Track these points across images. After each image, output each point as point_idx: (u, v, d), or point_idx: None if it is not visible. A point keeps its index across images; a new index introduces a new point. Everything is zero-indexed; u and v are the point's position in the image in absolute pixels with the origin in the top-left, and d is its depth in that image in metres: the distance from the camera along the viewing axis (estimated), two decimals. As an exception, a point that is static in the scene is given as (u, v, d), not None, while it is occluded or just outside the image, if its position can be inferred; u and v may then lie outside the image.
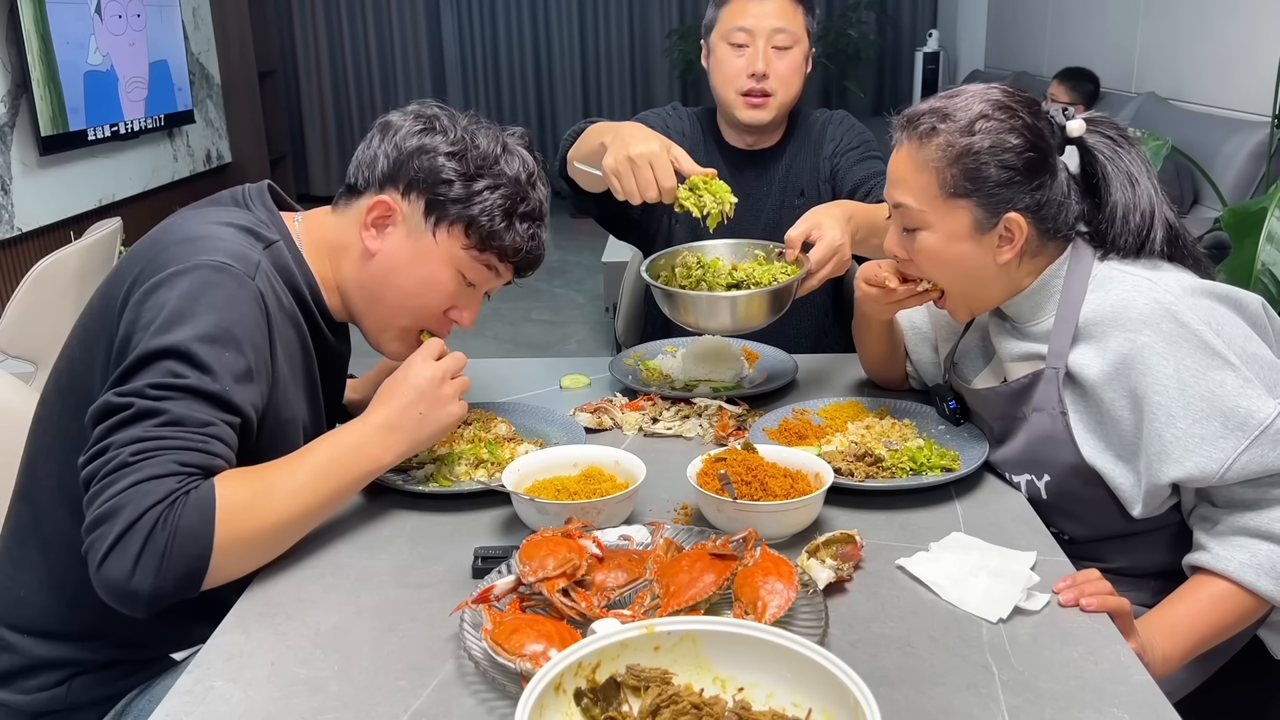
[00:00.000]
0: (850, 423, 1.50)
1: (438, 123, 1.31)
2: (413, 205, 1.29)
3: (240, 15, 6.18)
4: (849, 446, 1.39)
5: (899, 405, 1.56)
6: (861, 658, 1.00)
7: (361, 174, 1.32)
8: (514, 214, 1.31)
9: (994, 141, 1.25)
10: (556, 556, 1.03)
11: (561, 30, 7.64)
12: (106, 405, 1.09)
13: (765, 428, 1.49)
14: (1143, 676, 0.97)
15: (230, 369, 1.14)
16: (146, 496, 1.03)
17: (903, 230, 1.33)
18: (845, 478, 1.31)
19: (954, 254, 1.30)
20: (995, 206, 1.26)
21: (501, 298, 5.58)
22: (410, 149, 1.29)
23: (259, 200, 1.33)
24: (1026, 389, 1.33)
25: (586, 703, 0.82)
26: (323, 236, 1.34)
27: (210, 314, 1.14)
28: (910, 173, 1.30)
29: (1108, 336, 1.24)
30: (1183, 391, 1.18)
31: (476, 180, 1.29)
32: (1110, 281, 1.27)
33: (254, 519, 1.11)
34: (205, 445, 1.10)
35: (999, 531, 1.24)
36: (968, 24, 6.74)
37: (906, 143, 1.31)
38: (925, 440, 1.42)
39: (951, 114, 1.28)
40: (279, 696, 0.96)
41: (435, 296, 1.33)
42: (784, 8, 1.90)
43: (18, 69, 4.07)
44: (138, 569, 1.03)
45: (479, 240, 1.30)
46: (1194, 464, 1.18)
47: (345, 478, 1.20)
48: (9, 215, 4.05)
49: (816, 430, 1.49)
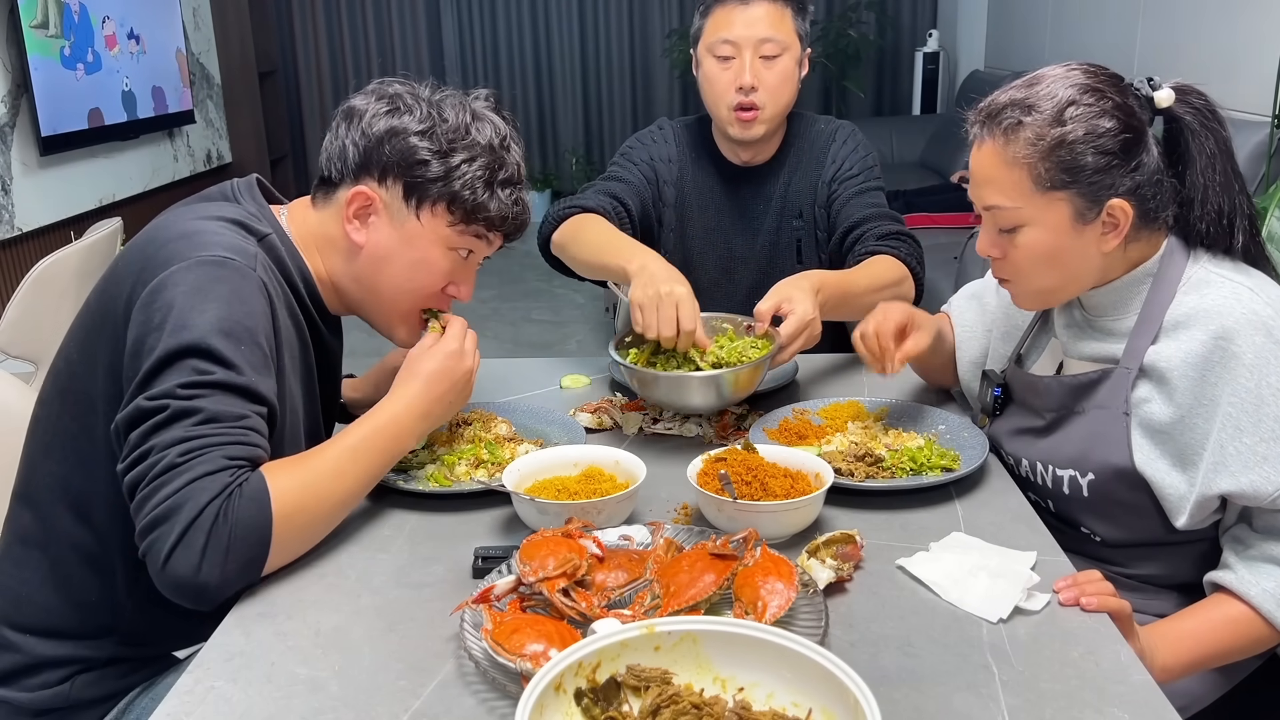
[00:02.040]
0: (850, 422, 1.50)
1: (402, 101, 1.28)
2: (391, 191, 1.28)
3: (240, 15, 6.17)
4: (849, 447, 1.39)
5: (899, 405, 1.55)
6: (861, 658, 1.00)
7: (334, 166, 1.30)
8: (494, 182, 1.29)
9: (1088, 129, 1.19)
10: (557, 556, 1.03)
11: (561, 30, 7.63)
12: (138, 410, 1.09)
13: (765, 428, 1.49)
14: (1143, 676, 0.96)
15: (249, 360, 1.15)
16: (203, 493, 1.05)
17: (998, 231, 1.27)
18: (845, 478, 1.30)
19: (1057, 248, 1.24)
20: (1096, 194, 1.20)
21: (501, 298, 5.60)
22: (379, 134, 1.27)
23: (248, 194, 1.33)
24: (1093, 384, 1.29)
25: (587, 703, 0.82)
26: (308, 231, 1.33)
27: (220, 308, 1.14)
28: (1000, 171, 1.23)
29: (1193, 336, 1.20)
30: (1258, 408, 1.16)
31: (451, 155, 1.27)
32: (1206, 285, 1.22)
33: (306, 504, 1.14)
34: (246, 437, 1.12)
35: (999, 531, 1.23)
36: (968, 24, 6.73)
37: (990, 140, 1.24)
38: (926, 440, 1.42)
39: (1036, 104, 1.21)
40: (279, 696, 0.96)
41: (431, 277, 1.33)
42: (771, 14, 1.83)
43: (18, 69, 4.07)
44: (204, 563, 1.05)
45: (464, 214, 1.29)
46: (1249, 480, 1.15)
47: (381, 459, 1.24)
48: (9, 215, 4.04)
49: (817, 430, 1.48)
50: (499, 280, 5.88)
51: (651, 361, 1.50)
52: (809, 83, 7.26)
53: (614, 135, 7.71)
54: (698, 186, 2.00)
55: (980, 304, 1.59)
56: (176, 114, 5.38)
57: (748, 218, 1.99)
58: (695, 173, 1.99)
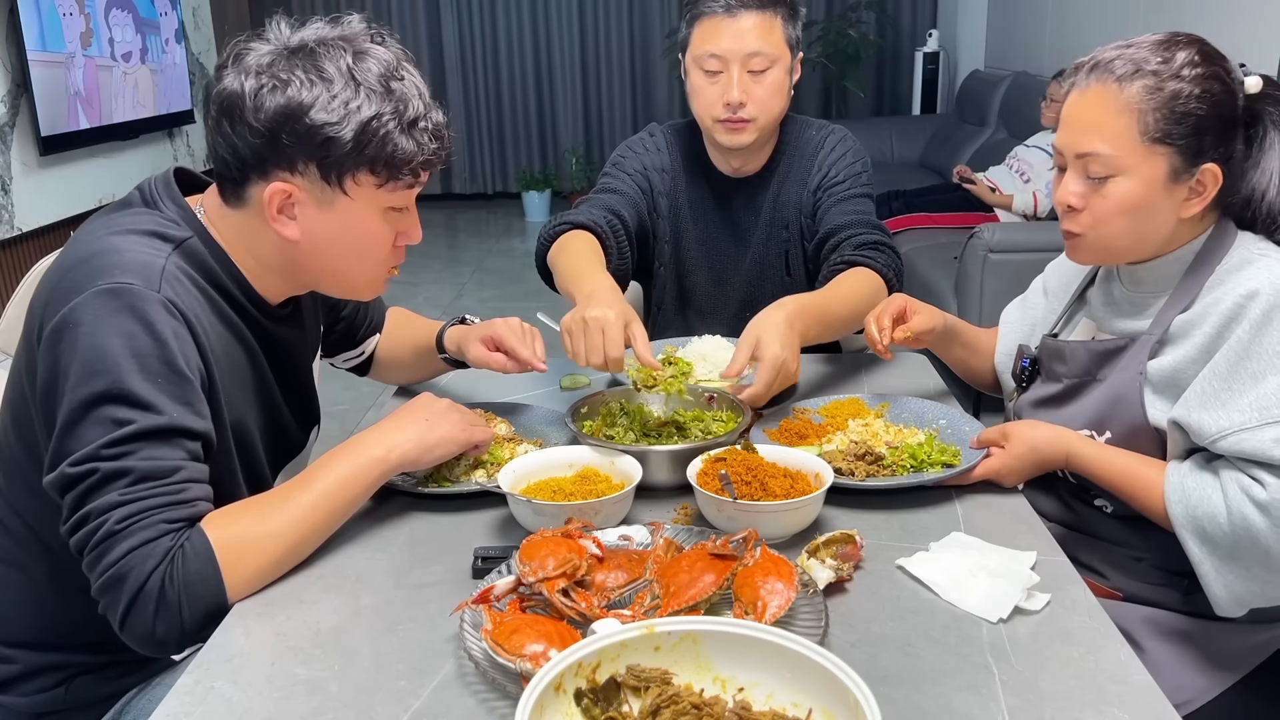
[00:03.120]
0: (851, 420, 1.49)
1: (277, 75, 1.13)
2: (307, 176, 1.17)
3: (240, 15, 6.17)
4: (849, 445, 1.38)
5: (900, 402, 1.55)
6: (861, 658, 1.00)
7: (231, 166, 1.18)
8: (405, 126, 1.17)
9: (1203, 88, 1.22)
10: (556, 557, 1.03)
11: (561, 30, 7.63)
12: (66, 477, 1.07)
13: (765, 429, 1.48)
14: (1142, 676, 0.96)
15: (168, 393, 1.10)
16: (146, 560, 1.05)
17: (1086, 178, 1.28)
18: (846, 477, 1.30)
19: (1145, 203, 1.25)
20: (1194, 156, 1.23)
21: (501, 298, 5.60)
22: (270, 121, 1.13)
23: (165, 193, 1.24)
24: (1118, 350, 1.33)
25: (586, 703, 0.81)
26: (232, 232, 1.24)
27: (126, 342, 1.09)
28: (1106, 116, 1.24)
29: (1219, 299, 1.23)
30: (1241, 359, 1.19)
31: (353, 117, 1.13)
32: (1248, 264, 1.25)
33: (256, 547, 1.11)
34: (183, 493, 1.09)
35: (999, 531, 1.23)
36: (968, 24, 6.73)
37: (1098, 84, 1.25)
38: (927, 436, 1.41)
39: (1150, 58, 1.24)
40: (279, 696, 0.96)
41: (380, 245, 1.25)
42: (759, 26, 1.75)
43: (18, 69, 4.07)
44: (158, 625, 1.06)
45: (389, 171, 1.18)
46: (1209, 415, 1.19)
47: (340, 478, 1.18)
48: (9, 215, 4.04)
49: (817, 429, 1.48)
50: (499, 280, 5.88)
51: (609, 435, 1.43)
52: (809, 83, 7.28)
53: (614, 135, 7.71)
54: (691, 197, 1.98)
55: (1025, 304, 1.64)
56: (176, 114, 5.38)
57: (739, 229, 1.97)
58: (688, 183, 1.97)
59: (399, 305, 1.79)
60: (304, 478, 1.18)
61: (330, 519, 1.18)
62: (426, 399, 1.31)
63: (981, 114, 5.70)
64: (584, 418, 1.47)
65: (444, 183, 7.95)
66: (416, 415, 1.27)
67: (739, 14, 1.75)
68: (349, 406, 3.77)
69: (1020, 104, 5.11)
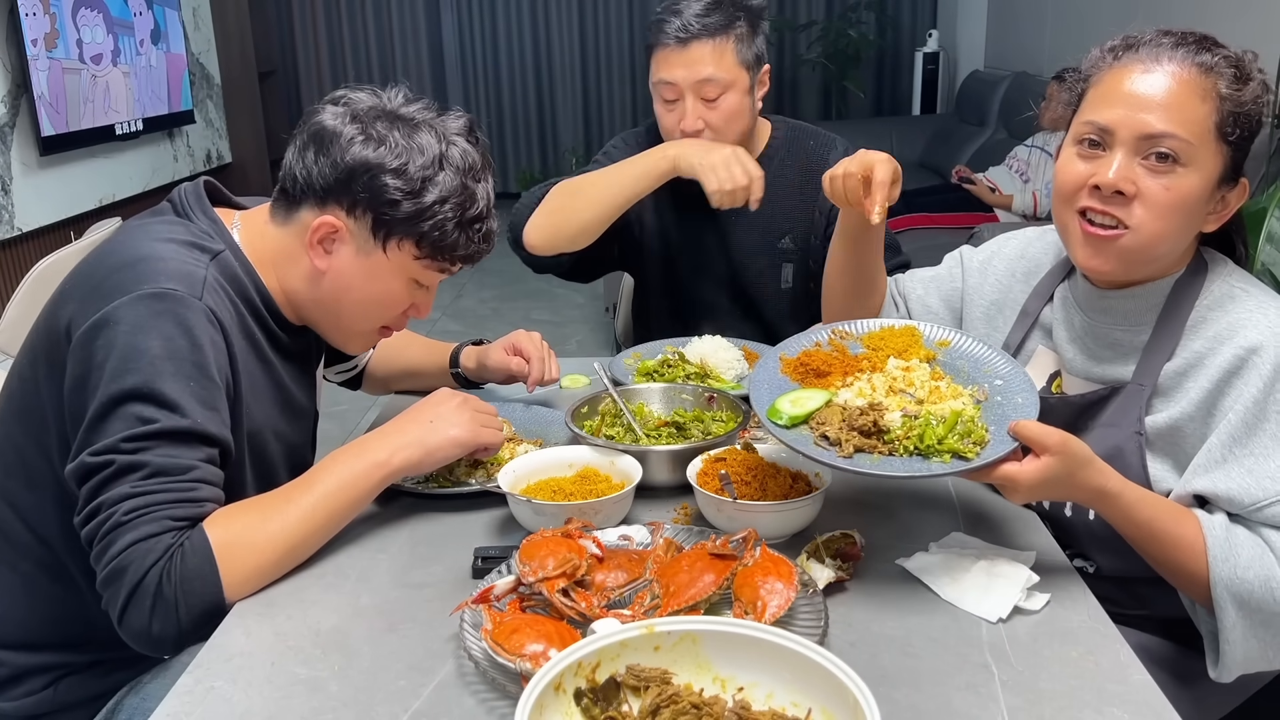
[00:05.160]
0: (893, 358, 1.24)
1: (374, 129, 1.22)
2: (359, 222, 1.24)
3: (240, 15, 6.17)
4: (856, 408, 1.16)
5: (960, 344, 1.27)
6: (861, 658, 1.00)
7: (298, 186, 1.25)
8: (464, 221, 1.26)
9: (1266, 97, 1.14)
10: (556, 556, 1.03)
11: (561, 30, 7.63)
12: (85, 466, 1.09)
13: (784, 354, 1.27)
14: (1142, 676, 0.97)
15: (197, 398, 1.13)
16: (147, 555, 1.06)
17: (1147, 164, 1.13)
18: (832, 448, 1.11)
19: (1199, 202, 1.14)
20: (1239, 164, 1.15)
21: (501, 298, 5.59)
22: (351, 166, 1.21)
23: (198, 206, 1.29)
24: (1102, 401, 1.24)
25: (586, 703, 0.82)
26: (266, 246, 1.29)
27: (165, 344, 1.12)
28: (1187, 99, 1.12)
29: (1219, 352, 1.16)
30: (1258, 421, 1.12)
31: (423, 195, 1.22)
32: (1231, 300, 1.18)
33: (255, 547, 1.12)
34: (193, 492, 1.10)
35: (999, 531, 1.23)
36: (968, 24, 6.73)
37: (1174, 64, 1.13)
38: (966, 401, 1.17)
39: (1227, 53, 1.14)
40: (279, 696, 0.96)
41: (392, 305, 1.32)
42: (712, 54, 1.76)
43: (18, 69, 4.07)
44: (154, 622, 1.07)
45: (431, 251, 1.26)
46: (1238, 483, 1.11)
47: (341, 481, 1.19)
48: (9, 215, 4.05)
49: (845, 365, 1.24)
50: (499, 280, 5.88)
51: (609, 435, 1.44)
52: (809, 83, 7.29)
53: (614, 135, 7.69)
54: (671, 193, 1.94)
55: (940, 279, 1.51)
56: (176, 114, 5.38)
57: (721, 231, 1.96)
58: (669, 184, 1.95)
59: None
60: (306, 479, 1.19)
61: (330, 522, 1.18)
62: (441, 395, 1.30)
63: (981, 114, 5.70)
64: (584, 418, 1.48)
65: (444, 183, 7.95)
66: (421, 417, 1.27)
67: (690, 44, 1.77)
68: (348, 407, 3.77)
69: (1020, 104, 5.11)
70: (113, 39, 4.74)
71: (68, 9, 4.36)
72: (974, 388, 1.20)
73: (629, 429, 1.45)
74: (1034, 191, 4.24)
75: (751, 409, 1.28)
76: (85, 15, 4.51)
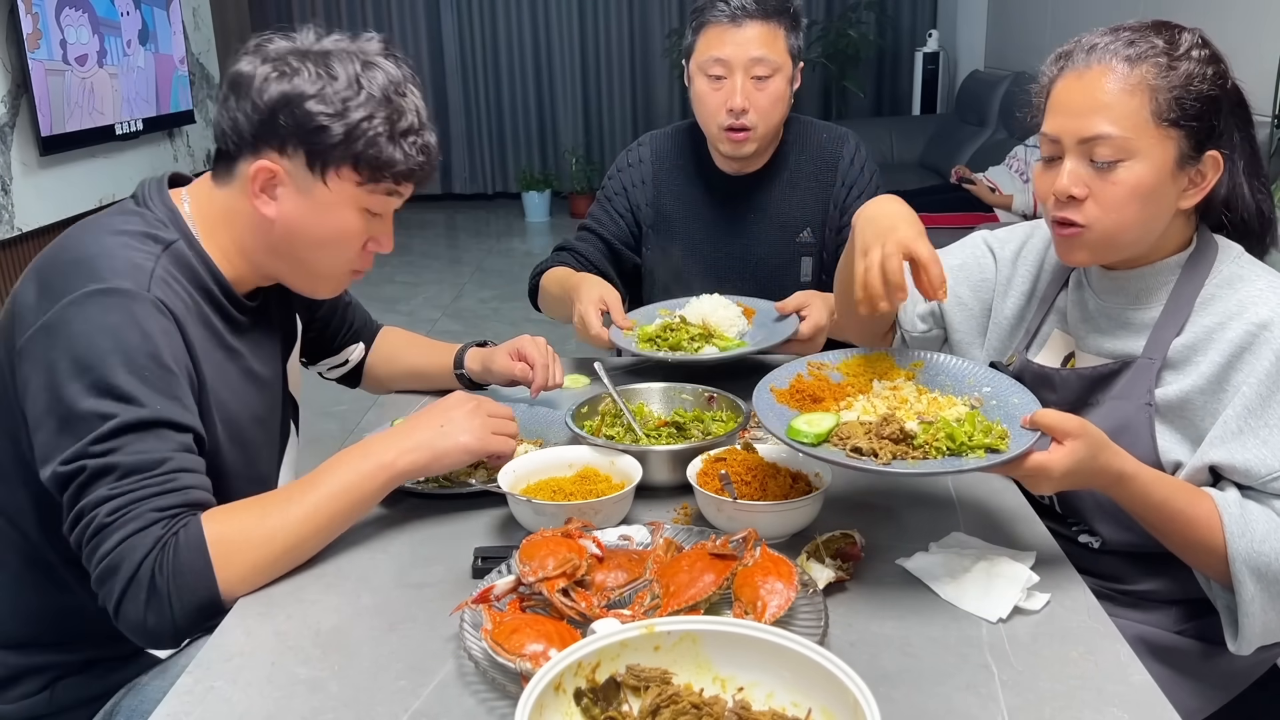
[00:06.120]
0: (876, 381, 1.29)
1: (288, 64, 1.21)
2: (294, 160, 1.22)
3: (240, 15, 6.18)
4: (874, 419, 1.18)
5: (935, 362, 1.31)
6: (861, 658, 1.00)
7: (229, 140, 1.24)
8: (395, 135, 1.23)
9: (1214, 70, 1.18)
10: (556, 556, 1.03)
11: (561, 30, 7.63)
12: (59, 476, 1.09)
13: (773, 386, 1.28)
14: (1142, 677, 0.97)
15: (154, 387, 1.12)
16: (136, 550, 1.07)
17: (1090, 163, 1.19)
18: (868, 458, 1.11)
19: (1155, 189, 1.18)
20: (1201, 141, 1.18)
21: (501, 298, 5.59)
22: (272, 103, 1.20)
23: (157, 196, 1.28)
24: (1112, 375, 1.26)
25: (586, 703, 0.82)
26: (215, 211, 1.28)
27: (113, 340, 1.11)
28: (1116, 97, 1.17)
29: (1228, 327, 1.19)
30: (1272, 393, 1.15)
31: (348, 114, 1.20)
32: (1240, 280, 1.21)
33: (252, 543, 1.12)
34: (172, 483, 1.10)
35: (999, 531, 1.23)
36: (968, 24, 6.73)
37: (1101, 65, 1.19)
38: (968, 408, 1.20)
39: (1153, 39, 1.19)
40: (279, 696, 0.96)
41: (349, 240, 1.28)
42: (764, 34, 1.80)
43: (18, 69, 4.07)
44: (149, 614, 1.07)
45: (370, 173, 1.23)
46: (1254, 454, 1.14)
47: (345, 482, 1.18)
48: (9, 215, 4.05)
49: (834, 390, 1.27)
50: (499, 280, 5.88)
51: (609, 435, 1.44)
52: (809, 82, 7.28)
53: (614, 135, 7.71)
54: (677, 197, 2.00)
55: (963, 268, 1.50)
56: (176, 114, 5.38)
57: (738, 227, 1.97)
58: (672, 184, 1.98)
59: (399, 305, 1.80)
60: (309, 479, 1.19)
61: (333, 523, 1.18)
62: (454, 399, 1.30)
63: (981, 114, 5.70)
64: (584, 418, 1.48)
65: (444, 183, 7.95)
66: (432, 421, 1.26)
67: (744, 23, 1.80)
68: (349, 406, 3.77)
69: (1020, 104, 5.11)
70: (98, 39, 4.66)
71: (51, 9, 4.28)
72: (965, 397, 1.23)
73: (629, 429, 1.45)
74: (1034, 191, 4.24)
75: (752, 409, 1.31)
76: (70, 15, 4.43)
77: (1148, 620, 1.29)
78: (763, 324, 1.75)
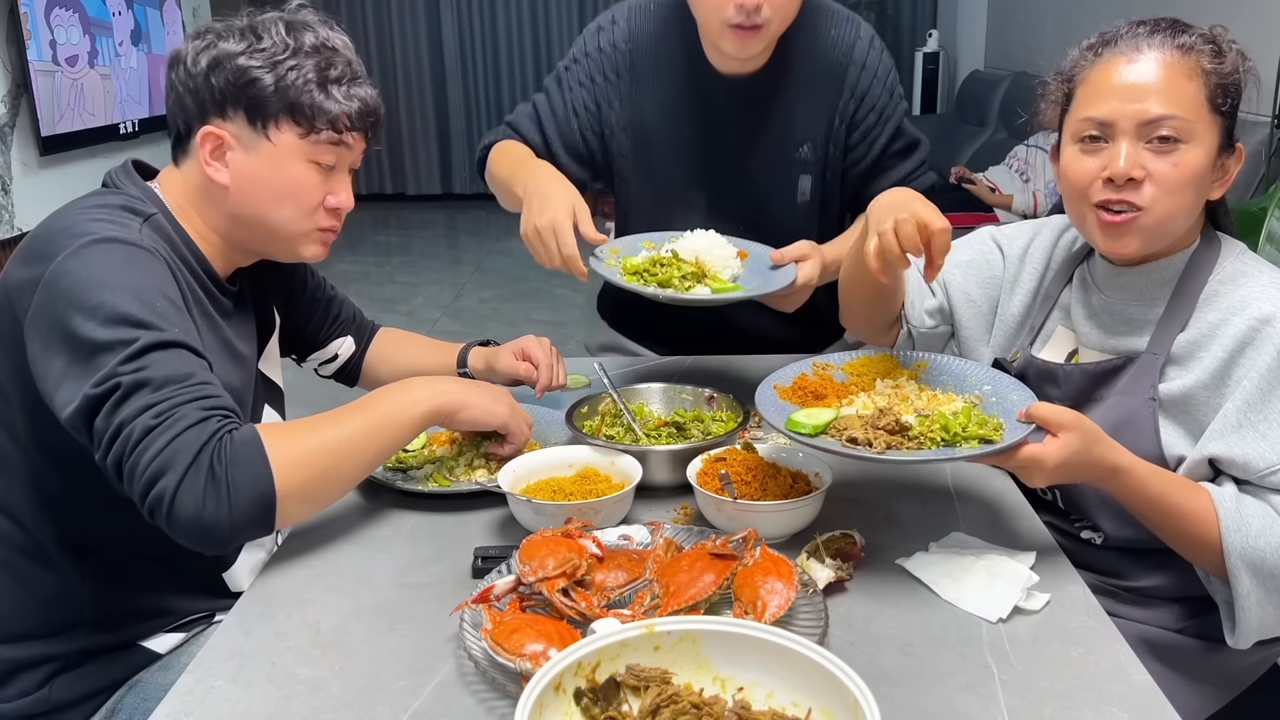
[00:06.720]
0: (880, 380, 1.31)
1: (216, 34, 1.26)
2: (236, 121, 1.26)
3: (240, 15, 6.18)
4: (872, 411, 1.21)
5: (940, 363, 1.35)
6: (861, 658, 1.00)
7: (178, 120, 1.28)
8: (327, 82, 1.27)
9: (1245, 65, 1.22)
10: (556, 556, 1.03)
11: (561, 30, 7.64)
12: (89, 399, 1.08)
13: (777, 384, 1.30)
14: (1142, 677, 0.97)
15: (166, 318, 1.14)
16: (191, 443, 1.06)
17: (1153, 146, 1.18)
18: (862, 448, 1.14)
19: (1205, 173, 1.20)
20: (1233, 132, 1.22)
21: (501, 298, 5.60)
22: (204, 68, 1.24)
23: (126, 178, 1.31)
24: (1116, 370, 1.27)
25: (586, 702, 0.82)
26: (181, 191, 1.31)
27: (120, 276, 1.13)
28: (1176, 81, 1.18)
29: (1232, 322, 1.20)
30: (1274, 386, 1.16)
31: (278, 66, 1.24)
32: (1244, 276, 1.23)
33: (303, 443, 1.13)
34: (208, 390, 1.11)
35: (999, 531, 1.24)
36: (968, 24, 6.73)
37: (1162, 51, 1.20)
38: (965, 403, 1.23)
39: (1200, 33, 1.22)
40: (279, 696, 0.96)
41: (304, 193, 1.30)
42: None
43: (18, 69, 4.07)
44: (207, 503, 1.05)
45: (309, 122, 1.26)
46: (1252, 448, 1.15)
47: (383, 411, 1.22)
48: (9, 215, 4.05)
49: (838, 388, 1.29)
50: (499, 280, 5.88)
51: (609, 435, 1.44)
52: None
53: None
54: (658, 102, 1.74)
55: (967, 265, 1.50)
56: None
57: (733, 136, 1.73)
58: (654, 81, 1.72)
59: (399, 305, 1.80)
60: (353, 406, 1.22)
61: (375, 444, 1.20)
62: (497, 388, 1.37)
63: (981, 114, 5.70)
64: (584, 418, 1.48)
65: (444, 183, 7.96)
66: (469, 382, 1.35)
67: None
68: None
69: (1021, 104, 5.11)
70: (89, 40, 4.60)
71: (40, 9, 4.21)
72: (965, 395, 1.26)
73: (629, 429, 1.45)
74: (1034, 191, 4.24)
75: (752, 408, 1.31)
76: (59, 15, 4.37)
77: (1149, 617, 1.30)
78: (758, 269, 1.59)
